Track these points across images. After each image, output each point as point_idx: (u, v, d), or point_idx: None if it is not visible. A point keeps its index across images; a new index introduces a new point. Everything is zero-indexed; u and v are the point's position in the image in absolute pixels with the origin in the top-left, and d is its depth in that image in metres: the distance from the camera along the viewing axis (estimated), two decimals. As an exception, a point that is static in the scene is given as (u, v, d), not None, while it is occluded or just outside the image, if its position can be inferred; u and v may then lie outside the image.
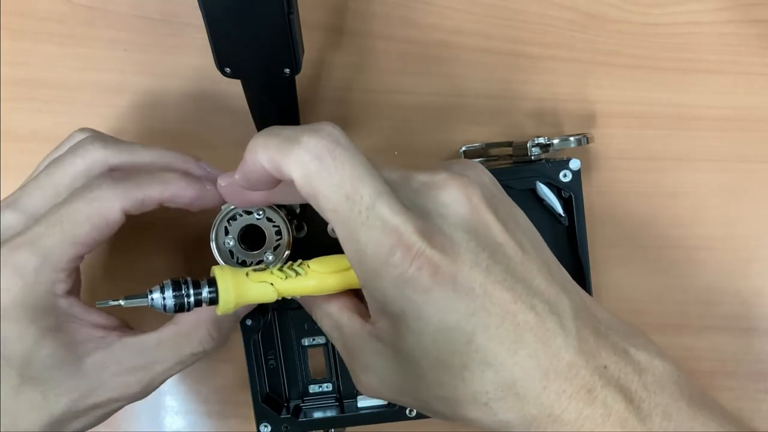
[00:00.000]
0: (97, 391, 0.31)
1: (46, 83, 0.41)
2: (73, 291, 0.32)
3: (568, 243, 0.37)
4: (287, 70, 0.34)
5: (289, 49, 0.32)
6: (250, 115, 0.38)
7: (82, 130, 0.35)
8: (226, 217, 0.34)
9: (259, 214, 0.35)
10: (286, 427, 0.38)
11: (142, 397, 0.33)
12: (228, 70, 0.34)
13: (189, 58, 0.41)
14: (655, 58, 0.41)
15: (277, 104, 0.37)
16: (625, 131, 0.42)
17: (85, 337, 0.31)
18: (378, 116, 0.42)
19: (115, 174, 0.32)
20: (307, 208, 0.37)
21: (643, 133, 0.42)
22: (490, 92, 0.42)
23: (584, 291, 0.30)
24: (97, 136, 0.33)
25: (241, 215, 0.35)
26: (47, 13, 0.41)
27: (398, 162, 0.41)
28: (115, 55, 0.41)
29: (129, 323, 0.34)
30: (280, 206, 0.36)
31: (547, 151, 0.37)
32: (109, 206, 0.30)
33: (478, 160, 0.40)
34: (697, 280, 0.42)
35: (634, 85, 0.42)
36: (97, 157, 0.32)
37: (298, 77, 0.35)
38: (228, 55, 0.33)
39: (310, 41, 0.40)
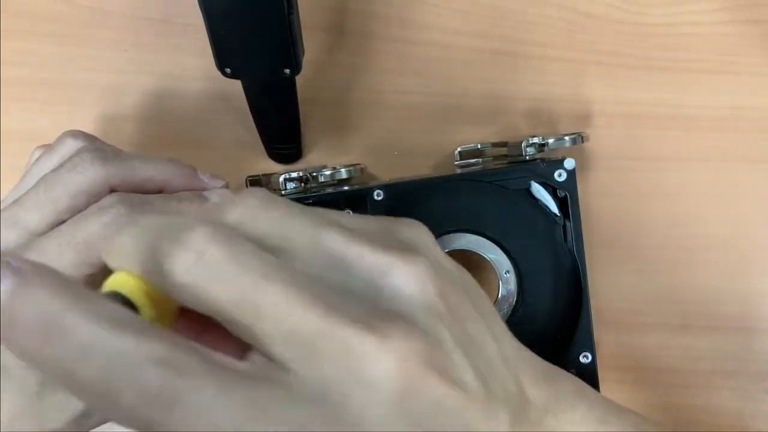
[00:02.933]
0: None
1: (46, 83, 0.41)
2: None
3: (564, 243, 0.37)
4: (287, 71, 0.34)
5: (289, 50, 0.32)
6: (250, 116, 0.38)
7: (74, 135, 0.34)
8: None
9: None
10: None
11: None
12: (228, 70, 0.34)
13: (189, 58, 0.41)
14: (654, 59, 0.41)
15: (277, 104, 0.37)
16: (623, 131, 0.42)
17: None
18: (378, 116, 0.42)
19: (131, 198, 0.31)
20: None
21: (641, 133, 0.42)
22: (489, 92, 0.42)
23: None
24: (95, 152, 0.32)
25: None
26: (47, 13, 0.41)
27: (398, 162, 0.41)
28: (115, 55, 0.41)
29: None
30: None
31: (543, 151, 0.37)
32: None
33: (474, 160, 0.40)
34: (697, 280, 0.42)
35: (633, 85, 0.42)
36: (98, 176, 0.32)
37: (298, 77, 0.35)
38: (228, 55, 0.33)
39: (311, 42, 0.40)
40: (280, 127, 0.39)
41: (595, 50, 0.41)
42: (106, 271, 0.24)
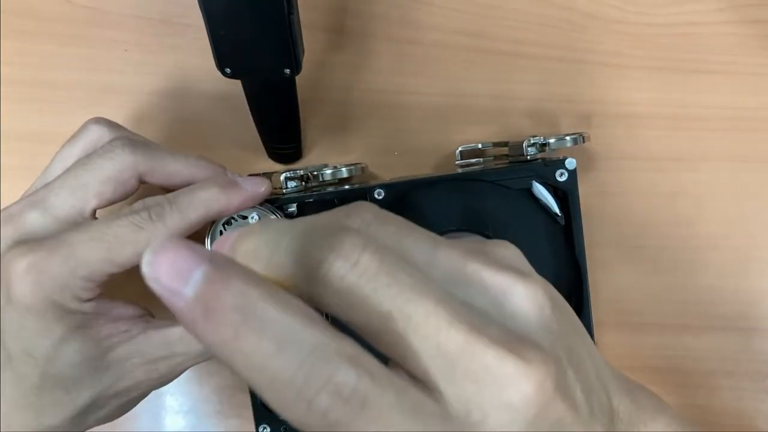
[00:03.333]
0: (120, 381, 0.32)
1: (46, 83, 0.41)
2: (100, 294, 0.32)
3: (565, 243, 0.37)
4: (287, 71, 0.34)
5: (289, 50, 0.32)
6: (250, 116, 0.38)
7: (97, 121, 0.35)
8: (221, 222, 0.34)
9: (253, 218, 0.35)
10: (285, 428, 0.38)
11: (164, 385, 0.33)
12: (228, 70, 0.34)
13: (189, 58, 0.41)
14: (655, 59, 0.41)
15: (277, 104, 0.37)
16: (624, 131, 0.42)
17: (109, 333, 0.32)
18: (378, 116, 0.42)
19: (160, 200, 0.32)
20: (303, 209, 0.37)
21: (642, 133, 0.42)
22: (490, 92, 0.42)
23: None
24: (126, 141, 0.33)
25: (236, 219, 0.35)
26: (47, 13, 0.41)
27: (398, 162, 0.41)
28: (115, 55, 0.41)
29: (152, 310, 0.35)
30: (277, 208, 0.36)
31: (544, 151, 0.37)
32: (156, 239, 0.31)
33: (475, 159, 0.40)
34: (697, 280, 0.42)
35: (633, 85, 0.42)
36: (127, 162, 0.32)
37: (298, 77, 0.35)
38: (228, 55, 0.33)
39: (311, 42, 0.40)
40: (280, 127, 0.39)
41: (596, 50, 0.41)
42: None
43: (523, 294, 0.21)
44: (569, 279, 0.37)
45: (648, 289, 0.42)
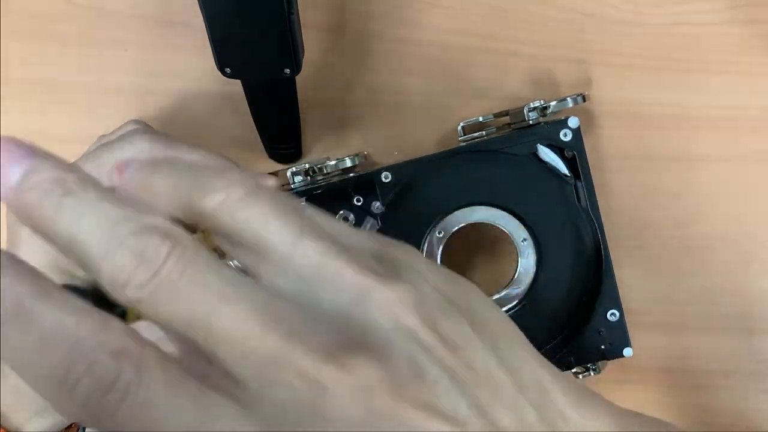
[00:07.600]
0: None
1: (46, 83, 0.41)
2: None
3: (578, 203, 0.37)
4: (287, 71, 0.34)
5: (289, 49, 0.33)
6: (250, 116, 0.38)
7: (136, 121, 0.37)
8: None
9: None
10: None
11: None
12: (228, 70, 0.34)
13: (189, 58, 0.41)
14: (654, 58, 0.41)
15: (277, 104, 0.37)
16: (625, 131, 0.42)
17: None
18: (378, 116, 0.42)
19: (156, 135, 0.34)
20: (312, 201, 0.36)
21: (642, 133, 0.42)
22: (489, 93, 0.42)
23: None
24: (147, 129, 0.35)
25: None
26: (47, 13, 0.41)
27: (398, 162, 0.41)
28: (115, 55, 0.41)
29: None
30: None
31: (545, 115, 0.37)
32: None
33: (477, 133, 0.40)
34: (697, 280, 0.42)
35: (634, 85, 0.42)
36: (144, 147, 0.33)
37: (298, 77, 0.35)
38: (228, 55, 0.33)
39: (311, 41, 0.40)
40: (280, 127, 0.39)
41: (595, 50, 0.41)
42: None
43: (381, 300, 0.20)
44: (586, 239, 0.37)
45: (648, 289, 0.42)
